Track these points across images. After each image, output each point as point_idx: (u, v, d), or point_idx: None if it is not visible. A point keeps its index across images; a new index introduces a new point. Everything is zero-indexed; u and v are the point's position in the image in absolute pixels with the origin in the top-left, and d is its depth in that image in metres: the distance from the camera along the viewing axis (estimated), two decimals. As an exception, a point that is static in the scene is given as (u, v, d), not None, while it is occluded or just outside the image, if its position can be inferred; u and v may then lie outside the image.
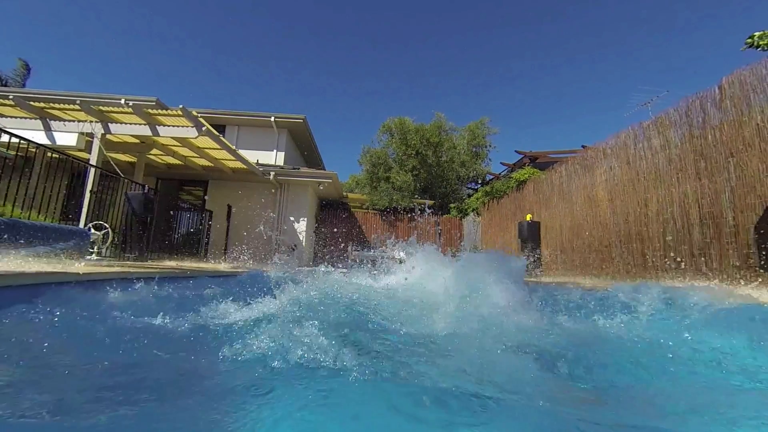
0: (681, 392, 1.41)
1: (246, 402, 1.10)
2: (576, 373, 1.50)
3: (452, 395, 1.12)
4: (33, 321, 1.76)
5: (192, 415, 1.03)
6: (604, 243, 6.31)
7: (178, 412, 1.05)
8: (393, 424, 0.98)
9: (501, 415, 1.06)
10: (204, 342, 1.74)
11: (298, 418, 0.97)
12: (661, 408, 1.27)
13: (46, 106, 6.85)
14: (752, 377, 1.53)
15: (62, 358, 1.50)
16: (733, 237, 4.18)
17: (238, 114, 12.47)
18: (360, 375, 1.16)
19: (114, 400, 1.10)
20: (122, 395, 1.14)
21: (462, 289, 2.37)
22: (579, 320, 2.37)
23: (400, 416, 1.01)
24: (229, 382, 1.31)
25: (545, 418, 1.04)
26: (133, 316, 1.97)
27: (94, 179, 6.11)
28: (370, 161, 15.08)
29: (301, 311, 1.82)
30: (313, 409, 1.03)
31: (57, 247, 4.32)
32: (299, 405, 1.05)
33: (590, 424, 1.05)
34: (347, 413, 1.04)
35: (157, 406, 1.09)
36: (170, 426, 0.98)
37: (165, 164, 10.01)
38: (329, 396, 1.11)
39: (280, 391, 1.16)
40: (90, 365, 1.41)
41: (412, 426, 0.97)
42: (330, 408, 1.06)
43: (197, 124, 6.78)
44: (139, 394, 1.15)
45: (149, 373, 1.39)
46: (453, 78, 40.53)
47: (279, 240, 10.99)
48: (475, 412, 1.04)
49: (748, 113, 4.12)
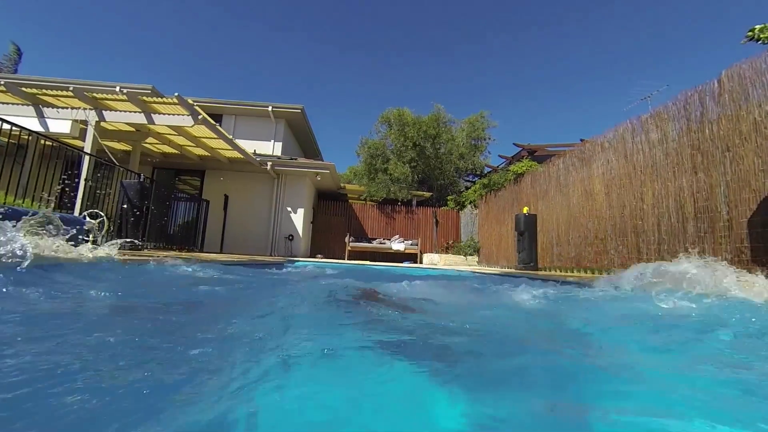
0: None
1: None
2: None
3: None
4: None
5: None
6: (599, 236, 6.35)
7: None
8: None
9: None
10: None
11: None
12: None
13: (38, 92, 6.75)
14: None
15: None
16: (726, 231, 4.21)
17: (236, 103, 12.33)
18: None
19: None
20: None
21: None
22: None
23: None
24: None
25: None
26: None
27: (89, 167, 6.06)
28: (368, 152, 15.00)
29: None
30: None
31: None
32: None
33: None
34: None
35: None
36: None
37: (161, 153, 9.93)
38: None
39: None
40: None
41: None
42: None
43: (193, 112, 6.70)
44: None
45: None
46: (452, 70, 40.16)
47: (276, 230, 10.98)
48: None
49: (746, 108, 4.12)
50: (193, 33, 39.26)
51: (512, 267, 8.35)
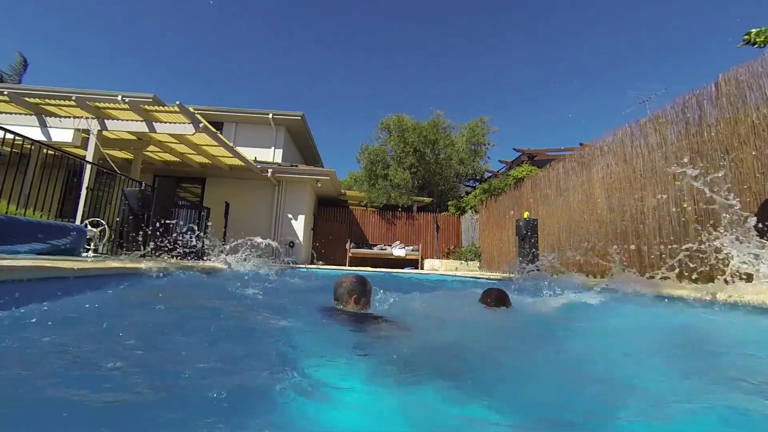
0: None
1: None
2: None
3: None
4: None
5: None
6: (600, 240, 6.34)
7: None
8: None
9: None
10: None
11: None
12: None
13: (41, 102, 6.81)
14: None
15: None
16: (727, 234, 4.20)
17: (236, 111, 12.42)
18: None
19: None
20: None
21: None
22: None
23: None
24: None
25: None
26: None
27: (91, 176, 6.09)
28: (368, 158, 15.05)
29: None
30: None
31: (54, 245, 4.31)
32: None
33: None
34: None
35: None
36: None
37: (162, 161, 9.98)
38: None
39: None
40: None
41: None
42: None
43: (194, 120, 6.75)
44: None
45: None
46: (452, 75, 40.45)
47: (277, 237, 10.98)
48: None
49: (743, 111, 4.13)
50: (194, 41, 39.68)
51: (512, 272, 8.32)
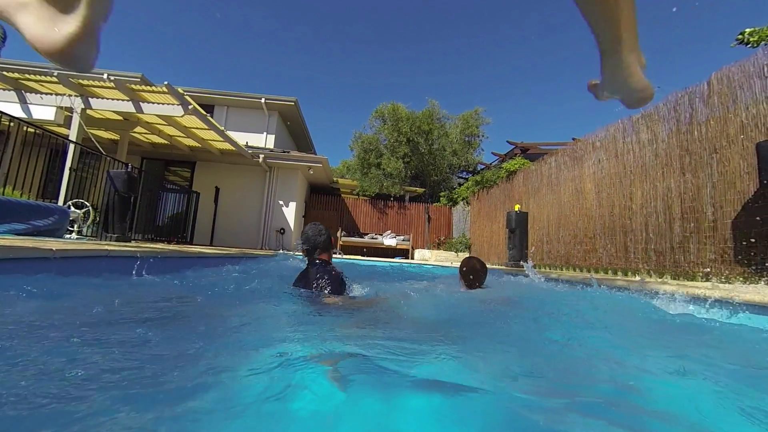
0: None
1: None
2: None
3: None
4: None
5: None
6: (588, 235, 6.42)
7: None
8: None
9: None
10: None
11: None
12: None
13: (21, 77, 6.54)
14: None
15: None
16: (711, 232, 4.29)
17: (228, 94, 12.12)
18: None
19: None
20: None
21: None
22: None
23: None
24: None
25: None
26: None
27: (74, 156, 5.91)
28: (362, 147, 14.92)
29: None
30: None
31: (35, 225, 4.19)
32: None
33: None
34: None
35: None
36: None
37: (150, 143, 9.74)
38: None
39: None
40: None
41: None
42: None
43: (183, 102, 6.57)
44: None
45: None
46: (448, 66, 40.05)
47: (267, 223, 10.89)
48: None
49: (733, 110, 4.18)
50: (186, 22, 38.43)
51: (503, 264, 8.41)
